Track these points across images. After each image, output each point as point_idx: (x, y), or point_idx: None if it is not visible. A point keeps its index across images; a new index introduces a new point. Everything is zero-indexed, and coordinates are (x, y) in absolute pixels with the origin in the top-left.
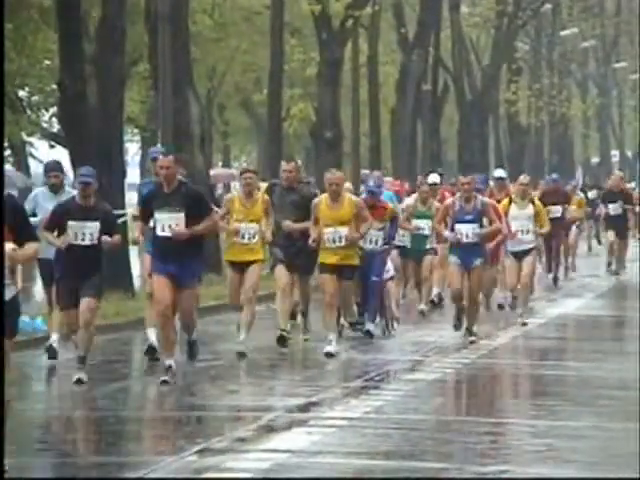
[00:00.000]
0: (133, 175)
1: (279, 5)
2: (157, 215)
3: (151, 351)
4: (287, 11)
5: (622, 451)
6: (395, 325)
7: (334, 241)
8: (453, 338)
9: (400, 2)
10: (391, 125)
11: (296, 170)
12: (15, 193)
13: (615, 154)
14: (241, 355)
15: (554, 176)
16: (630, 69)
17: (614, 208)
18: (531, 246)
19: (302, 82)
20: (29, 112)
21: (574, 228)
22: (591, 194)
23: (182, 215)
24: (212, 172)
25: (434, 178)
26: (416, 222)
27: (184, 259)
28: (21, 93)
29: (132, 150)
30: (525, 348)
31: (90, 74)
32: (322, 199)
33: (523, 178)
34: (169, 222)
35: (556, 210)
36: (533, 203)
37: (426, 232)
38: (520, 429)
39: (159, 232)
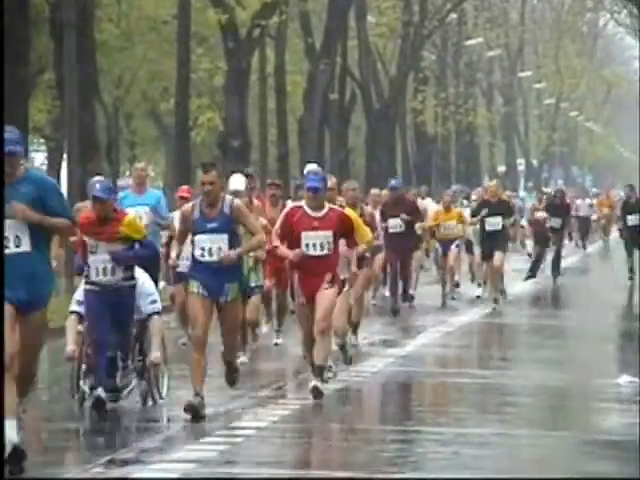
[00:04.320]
0: None
1: (186, 14)
2: None
3: None
4: (194, 20)
5: (527, 457)
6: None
7: None
8: (354, 346)
9: (307, 11)
10: (299, 134)
11: None
12: None
13: (521, 162)
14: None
15: (393, 182)
16: (534, 78)
17: (492, 223)
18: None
19: (209, 91)
20: None
21: (453, 247)
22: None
23: None
24: (119, 182)
25: (236, 183)
26: None
27: None
28: None
29: (38, 160)
30: (432, 356)
31: None
32: None
33: (348, 183)
34: None
35: (395, 224)
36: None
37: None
38: (427, 437)
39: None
